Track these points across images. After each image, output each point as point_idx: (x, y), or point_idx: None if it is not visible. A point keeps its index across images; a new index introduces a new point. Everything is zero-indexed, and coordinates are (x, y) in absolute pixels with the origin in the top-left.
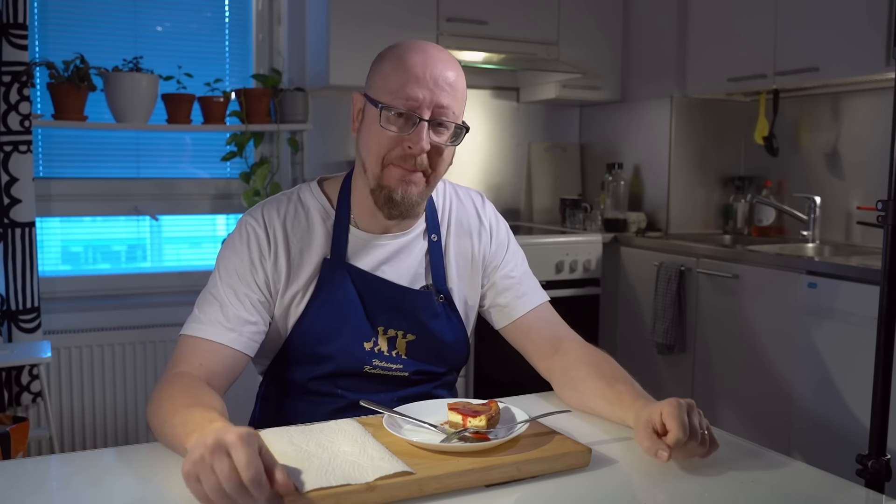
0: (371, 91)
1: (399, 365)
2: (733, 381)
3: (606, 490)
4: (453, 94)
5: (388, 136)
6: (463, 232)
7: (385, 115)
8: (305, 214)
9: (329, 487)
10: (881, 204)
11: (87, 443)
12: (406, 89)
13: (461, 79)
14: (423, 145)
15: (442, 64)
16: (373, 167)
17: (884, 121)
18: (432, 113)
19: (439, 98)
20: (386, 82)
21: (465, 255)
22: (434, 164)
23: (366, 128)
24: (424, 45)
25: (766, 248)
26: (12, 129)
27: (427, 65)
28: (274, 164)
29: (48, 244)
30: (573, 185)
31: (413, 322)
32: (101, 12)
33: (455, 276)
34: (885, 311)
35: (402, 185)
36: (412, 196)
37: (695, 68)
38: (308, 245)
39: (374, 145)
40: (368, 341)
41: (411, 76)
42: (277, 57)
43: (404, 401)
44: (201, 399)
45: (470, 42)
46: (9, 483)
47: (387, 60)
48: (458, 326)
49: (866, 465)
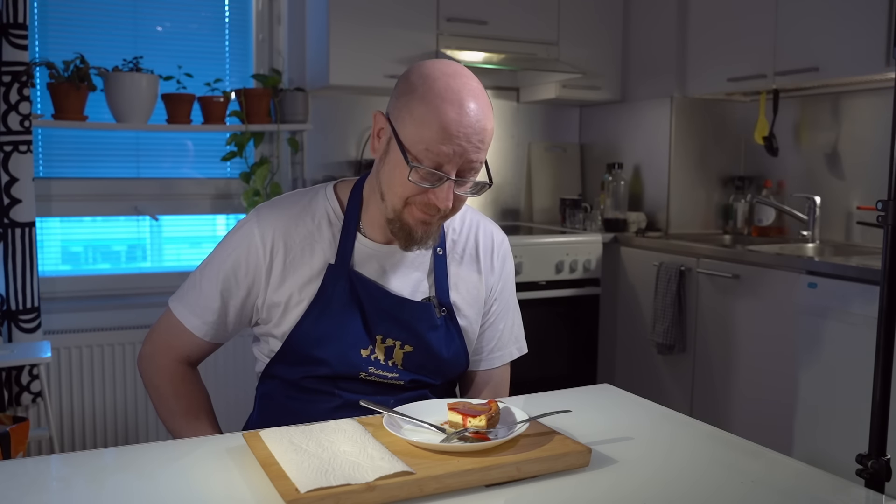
0: (398, 124)
1: (395, 374)
2: (733, 381)
3: (606, 490)
4: (483, 147)
5: (413, 187)
6: (473, 257)
7: (414, 172)
8: (312, 218)
9: (329, 487)
10: (881, 204)
11: (87, 443)
12: (438, 145)
13: (490, 123)
14: (447, 204)
15: (475, 116)
16: (394, 203)
17: (884, 121)
18: (459, 169)
19: (469, 155)
20: (418, 129)
21: (473, 275)
22: (455, 208)
23: (390, 164)
24: (459, 91)
25: (766, 248)
26: (12, 129)
27: (462, 123)
28: (274, 164)
29: (48, 244)
30: (573, 185)
31: (411, 333)
32: (101, 12)
33: (461, 295)
34: (885, 311)
35: (422, 227)
36: (431, 234)
37: (695, 68)
38: (311, 248)
39: (399, 188)
40: (365, 349)
41: (444, 133)
42: (277, 57)
43: (402, 402)
44: (190, 402)
45: (470, 42)
46: (9, 483)
47: (419, 102)
48: (458, 341)
49: (866, 465)
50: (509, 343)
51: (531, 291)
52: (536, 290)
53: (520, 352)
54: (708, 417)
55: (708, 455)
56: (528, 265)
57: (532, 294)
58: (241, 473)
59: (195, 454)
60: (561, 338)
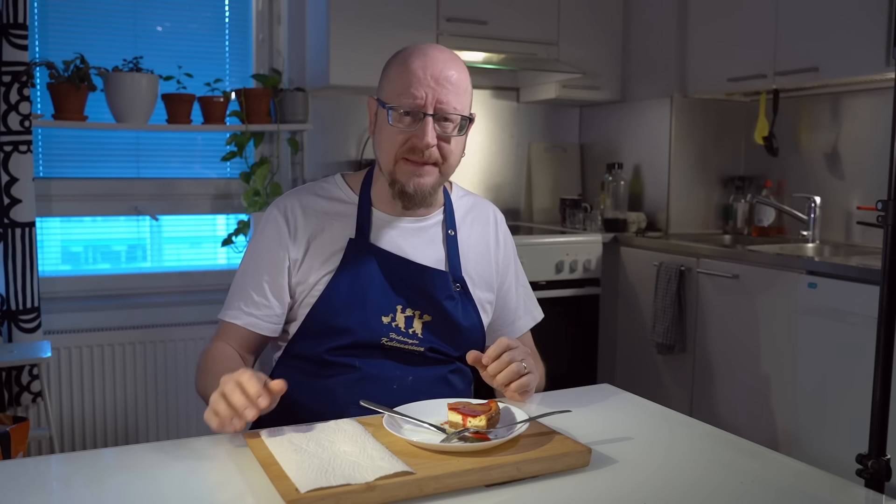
0: (381, 95)
1: (415, 341)
2: (733, 381)
3: (606, 490)
4: (454, 90)
5: (396, 134)
6: (481, 239)
7: (392, 114)
8: (327, 200)
9: (329, 487)
10: (881, 204)
11: (87, 443)
12: (410, 89)
13: (463, 75)
14: (428, 139)
15: (442, 63)
16: (386, 163)
17: (884, 121)
18: (435, 109)
19: (440, 95)
20: (393, 86)
21: (482, 256)
22: (445, 155)
23: (379, 128)
24: (426, 48)
25: (766, 248)
26: (12, 129)
27: (427, 66)
28: (274, 164)
29: (48, 244)
30: (573, 185)
31: (430, 302)
32: (101, 12)
33: (473, 273)
34: (885, 311)
35: (414, 179)
36: (425, 187)
37: (695, 68)
38: (330, 227)
39: (386, 143)
40: (386, 315)
41: (413, 78)
42: (277, 57)
43: (419, 382)
44: (224, 365)
45: (470, 42)
46: (9, 483)
47: (392, 66)
48: (474, 314)
49: (866, 465)
50: (525, 313)
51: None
52: (536, 290)
53: (535, 320)
54: (708, 417)
55: (707, 455)
56: (528, 265)
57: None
58: (241, 473)
59: (195, 454)
60: (561, 338)
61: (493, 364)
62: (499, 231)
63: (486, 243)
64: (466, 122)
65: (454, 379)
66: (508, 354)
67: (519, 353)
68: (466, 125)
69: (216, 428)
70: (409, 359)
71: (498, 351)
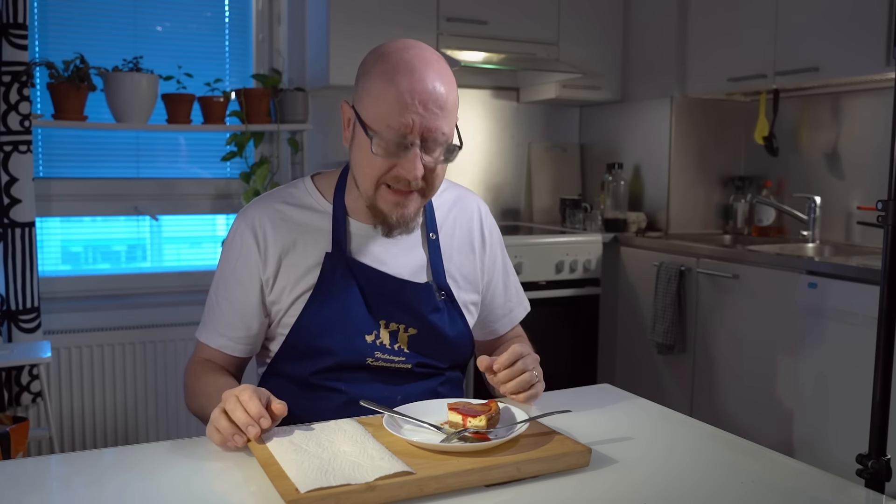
0: (359, 107)
1: (401, 357)
2: (733, 381)
3: (606, 490)
4: (443, 114)
5: (380, 162)
6: (465, 237)
7: (376, 141)
8: (298, 209)
9: (329, 487)
10: (881, 204)
11: (87, 443)
12: (396, 117)
13: (451, 90)
14: (416, 172)
15: (430, 82)
16: (366, 188)
17: (884, 121)
18: (422, 137)
19: (429, 122)
20: (376, 105)
21: (466, 256)
22: (428, 181)
23: (357, 147)
24: (412, 59)
25: (766, 248)
26: (12, 129)
27: (415, 89)
28: (274, 164)
29: (48, 244)
30: (573, 185)
31: (414, 316)
32: (101, 12)
33: (457, 275)
34: (885, 311)
35: (397, 209)
36: (408, 216)
37: (695, 68)
38: (303, 240)
39: (367, 166)
40: (370, 334)
41: (400, 103)
42: (277, 57)
43: (408, 400)
44: (217, 383)
45: (470, 42)
46: (9, 483)
47: (375, 79)
48: (461, 322)
49: (866, 465)
50: (516, 305)
51: (531, 291)
52: (536, 290)
53: (526, 310)
54: (708, 417)
55: (708, 455)
56: (528, 265)
57: (532, 294)
58: (241, 473)
59: (195, 454)
60: (561, 338)
61: (506, 371)
62: (483, 225)
63: (470, 242)
64: (455, 150)
65: (444, 391)
66: (522, 363)
67: (531, 361)
68: (455, 151)
69: (218, 444)
70: (397, 377)
71: (511, 359)
